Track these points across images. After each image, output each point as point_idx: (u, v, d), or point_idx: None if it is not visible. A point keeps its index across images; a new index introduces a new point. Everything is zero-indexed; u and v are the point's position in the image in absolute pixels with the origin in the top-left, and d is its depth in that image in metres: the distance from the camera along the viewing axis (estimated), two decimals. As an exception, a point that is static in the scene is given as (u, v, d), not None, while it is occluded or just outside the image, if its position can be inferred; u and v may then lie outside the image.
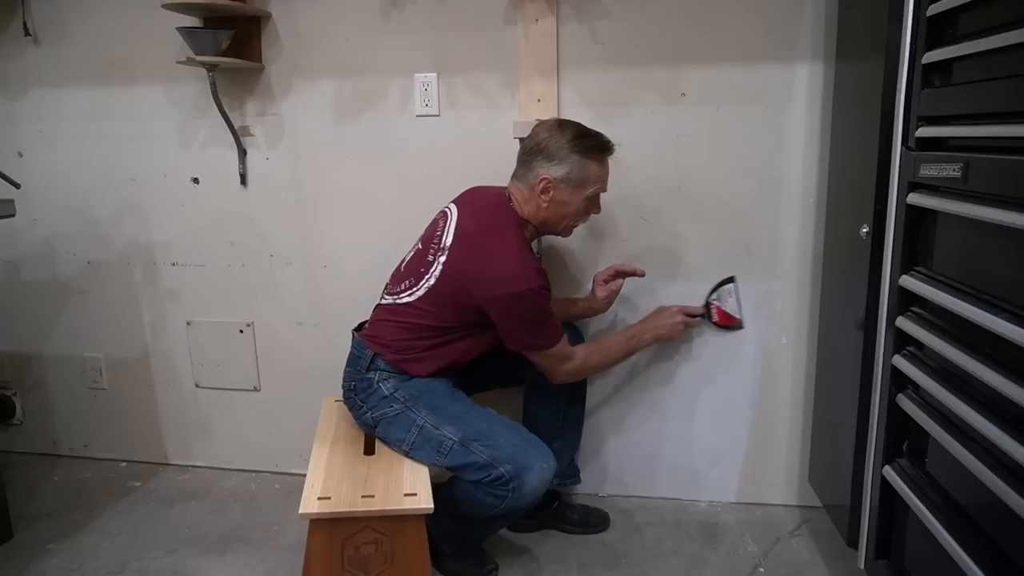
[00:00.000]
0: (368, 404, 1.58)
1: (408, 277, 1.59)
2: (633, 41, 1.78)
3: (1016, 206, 0.91)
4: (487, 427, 1.50)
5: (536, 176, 1.55)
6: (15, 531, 1.85)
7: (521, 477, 1.42)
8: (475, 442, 1.47)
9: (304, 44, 1.93)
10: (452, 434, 1.48)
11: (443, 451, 1.48)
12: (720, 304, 1.84)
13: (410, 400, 1.54)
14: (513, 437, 1.49)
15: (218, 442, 2.23)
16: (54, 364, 2.27)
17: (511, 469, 1.42)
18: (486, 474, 1.44)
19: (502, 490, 1.43)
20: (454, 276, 1.52)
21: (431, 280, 1.54)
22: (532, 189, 1.57)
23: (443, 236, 1.56)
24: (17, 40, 2.05)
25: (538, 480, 1.44)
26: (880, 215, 1.30)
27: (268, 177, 2.03)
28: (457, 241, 1.54)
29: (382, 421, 1.56)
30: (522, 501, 1.45)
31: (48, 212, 2.15)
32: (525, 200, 1.59)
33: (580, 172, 1.55)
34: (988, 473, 0.96)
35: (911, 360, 1.20)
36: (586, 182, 1.56)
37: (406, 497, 1.40)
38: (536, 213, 1.59)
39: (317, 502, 1.37)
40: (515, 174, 1.62)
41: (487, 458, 1.44)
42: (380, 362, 1.57)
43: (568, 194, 1.56)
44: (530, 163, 1.57)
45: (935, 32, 1.13)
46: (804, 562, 1.71)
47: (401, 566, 1.42)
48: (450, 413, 1.53)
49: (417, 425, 1.52)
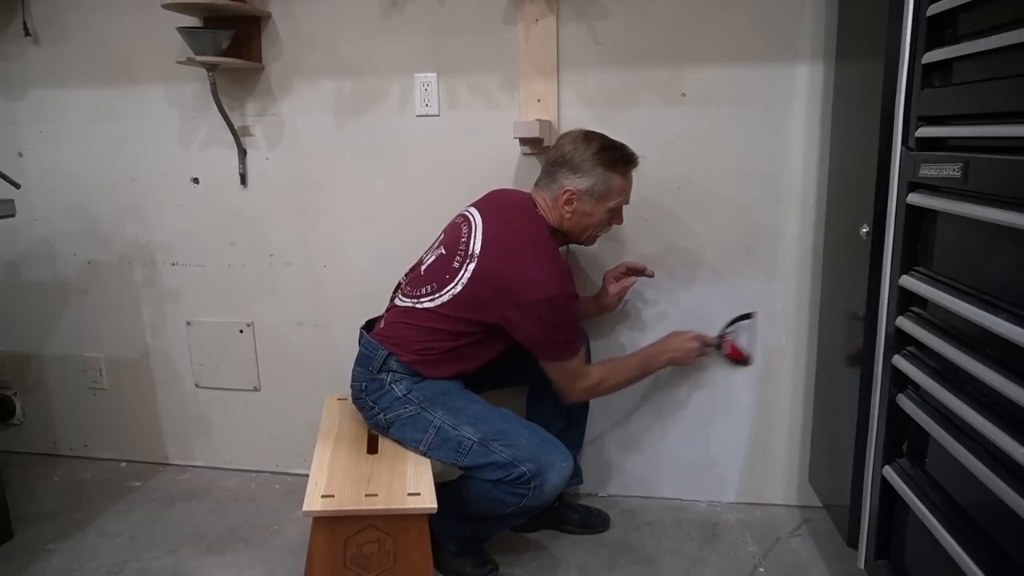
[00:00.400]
0: (380, 405, 1.58)
1: (430, 282, 1.58)
2: (633, 41, 1.78)
3: (1016, 206, 0.91)
4: (506, 427, 1.52)
5: (560, 187, 1.58)
6: (15, 531, 1.85)
7: (543, 475, 1.45)
8: (495, 442, 1.48)
9: (304, 44, 1.93)
10: (471, 434, 1.49)
11: (463, 451, 1.49)
12: (735, 339, 1.82)
13: (424, 401, 1.55)
14: (533, 436, 1.52)
15: (218, 442, 2.23)
16: (54, 364, 2.27)
17: (532, 468, 1.45)
18: (507, 473, 1.45)
19: (523, 488, 1.45)
20: (484, 281, 1.51)
21: (457, 287, 1.53)
22: (556, 200, 1.59)
23: (470, 243, 1.55)
24: (17, 40, 2.05)
25: (559, 478, 1.47)
26: (880, 215, 1.30)
27: (268, 177, 2.03)
28: (487, 246, 1.53)
29: (396, 422, 1.56)
30: (541, 499, 1.48)
31: (48, 212, 2.15)
32: (550, 209, 1.61)
33: (604, 185, 1.57)
34: (988, 473, 0.96)
35: (911, 360, 1.20)
36: (609, 194, 1.58)
37: (410, 496, 1.40)
38: (560, 223, 1.61)
39: (320, 500, 1.38)
40: (539, 183, 1.65)
41: (508, 457, 1.46)
42: (393, 363, 1.57)
43: (591, 206, 1.58)
44: (555, 174, 1.59)
45: (935, 32, 1.13)
46: (804, 562, 1.71)
47: (403, 565, 1.42)
48: (468, 414, 1.53)
49: (434, 426, 1.52)
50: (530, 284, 1.48)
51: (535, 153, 1.86)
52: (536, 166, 1.87)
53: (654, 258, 1.88)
